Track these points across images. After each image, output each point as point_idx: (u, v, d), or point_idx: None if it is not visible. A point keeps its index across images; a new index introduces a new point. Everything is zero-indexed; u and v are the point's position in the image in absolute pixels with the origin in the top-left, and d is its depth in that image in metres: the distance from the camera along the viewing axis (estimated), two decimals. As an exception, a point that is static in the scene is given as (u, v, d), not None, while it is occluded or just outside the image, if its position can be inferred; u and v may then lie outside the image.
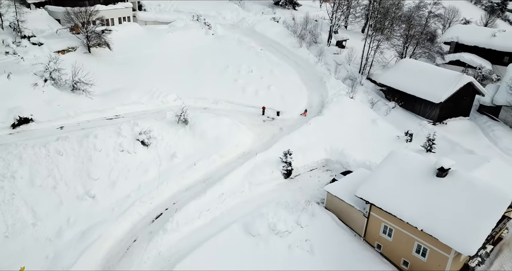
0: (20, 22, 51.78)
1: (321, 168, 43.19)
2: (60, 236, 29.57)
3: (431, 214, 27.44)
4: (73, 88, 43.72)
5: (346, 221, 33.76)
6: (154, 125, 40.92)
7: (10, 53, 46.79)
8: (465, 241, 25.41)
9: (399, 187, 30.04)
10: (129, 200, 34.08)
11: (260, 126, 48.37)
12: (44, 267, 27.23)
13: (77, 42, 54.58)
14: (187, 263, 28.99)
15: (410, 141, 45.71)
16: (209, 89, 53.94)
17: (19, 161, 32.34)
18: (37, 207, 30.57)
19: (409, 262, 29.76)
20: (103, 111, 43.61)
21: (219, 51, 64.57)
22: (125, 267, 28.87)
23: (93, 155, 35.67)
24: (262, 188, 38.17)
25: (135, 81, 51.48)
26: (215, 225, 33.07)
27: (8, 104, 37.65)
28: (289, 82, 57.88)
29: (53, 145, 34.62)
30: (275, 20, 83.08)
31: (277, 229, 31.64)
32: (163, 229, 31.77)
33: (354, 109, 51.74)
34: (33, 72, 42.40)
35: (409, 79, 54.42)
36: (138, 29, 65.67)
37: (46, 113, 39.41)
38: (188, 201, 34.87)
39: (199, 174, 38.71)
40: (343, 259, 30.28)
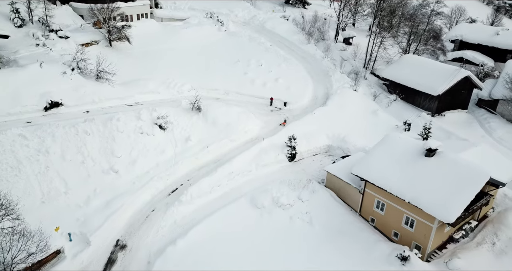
0: (48, 17, 56.13)
1: (324, 153, 46.53)
2: (88, 204, 33.57)
3: (417, 188, 30.65)
4: (97, 77, 47.83)
5: (343, 198, 37.09)
6: (170, 112, 44.71)
7: (40, 45, 51.11)
8: (446, 210, 28.58)
9: (390, 166, 33.27)
10: (148, 175, 37.99)
11: (267, 116, 51.85)
12: (75, 228, 31.16)
13: (100, 36, 58.87)
14: (199, 229, 32.72)
15: (408, 130, 48.72)
16: (221, 81, 57.55)
17: (52, 138, 36.43)
18: (68, 178, 34.61)
19: (399, 233, 32.99)
20: (124, 99, 47.53)
21: (231, 46, 68.25)
22: (143, 231, 32.69)
23: (116, 135, 39.63)
24: (267, 169, 41.71)
25: (152, 72, 55.46)
26: (225, 198, 36.76)
27: (40, 90, 41.82)
28: (296, 76, 61.20)
29: (81, 126, 38.69)
30: (285, 18, 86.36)
31: (280, 202, 35.19)
32: (179, 201, 35.59)
33: (356, 101, 54.90)
34: (61, 62, 46.59)
35: (410, 74, 57.35)
36: (155, 25, 69.84)
37: (73, 98, 43.51)
38: (200, 178, 38.64)
39: (210, 156, 42.42)
40: (339, 230, 33.66)
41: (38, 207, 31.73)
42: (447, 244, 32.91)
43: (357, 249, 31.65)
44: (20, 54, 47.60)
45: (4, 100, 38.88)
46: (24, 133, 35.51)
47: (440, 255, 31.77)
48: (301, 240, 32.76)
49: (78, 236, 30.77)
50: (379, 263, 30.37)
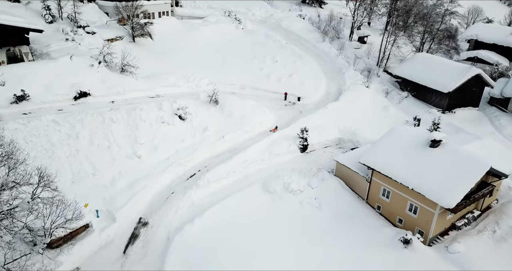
0: (77, 14, 59.61)
1: (334, 145, 48.48)
2: (114, 184, 36.41)
3: (421, 176, 32.42)
4: (122, 70, 50.90)
5: (352, 186, 39.04)
6: (190, 104, 47.41)
7: (69, 40, 54.53)
8: (446, 196, 30.31)
9: (396, 155, 35.10)
10: (168, 161, 40.69)
11: (281, 110, 54.07)
12: (102, 206, 34.02)
13: (124, 32, 62.13)
14: (214, 210, 35.22)
15: (418, 125, 50.22)
16: (237, 76, 60.04)
17: (81, 125, 39.49)
18: (95, 161, 37.55)
19: (403, 219, 34.80)
20: (146, 91, 50.45)
21: (248, 43, 70.69)
22: (164, 211, 35.37)
23: (139, 124, 42.50)
24: (280, 159, 43.96)
25: (172, 67, 58.34)
26: (239, 184, 39.17)
27: (70, 81, 45.01)
28: (310, 72, 63.23)
29: (108, 114, 41.68)
30: (301, 17, 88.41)
31: (291, 188, 37.41)
32: (196, 185, 38.17)
33: (368, 97, 56.61)
34: (89, 56, 49.81)
35: (422, 71, 58.74)
36: (175, 23, 72.83)
37: (100, 89, 46.59)
38: (217, 165, 41.13)
39: (226, 145, 44.90)
40: (347, 215, 35.66)
41: (69, 186, 34.59)
42: (450, 231, 34.51)
43: (363, 233, 33.58)
44: (51, 48, 51.02)
45: (39, 90, 42.13)
46: (56, 120, 38.68)
47: (442, 241, 33.45)
48: (310, 223, 34.86)
49: (105, 213, 33.62)
50: (382, 246, 32.26)
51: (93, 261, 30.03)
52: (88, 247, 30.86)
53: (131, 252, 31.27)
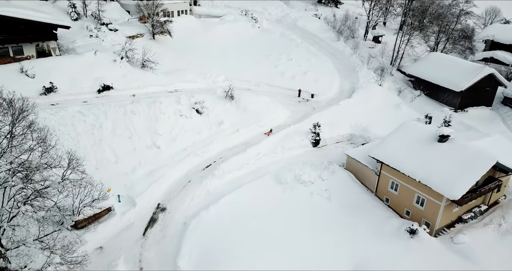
0: (100, 12, 62.25)
1: (346, 141, 49.73)
2: (134, 172, 38.56)
3: (428, 169, 33.53)
4: (142, 66, 53.20)
5: (361, 179, 40.31)
6: (206, 98, 49.34)
7: (93, 36, 57.11)
8: (452, 188, 31.39)
9: (405, 149, 36.26)
10: (185, 152, 42.69)
11: (295, 106, 55.56)
12: (123, 192, 36.16)
13: (144, 29, 64.57)
14: (229, 199, 36.98)
15: (429, 123, 51.04)
16: (252, 73, 61.77)
17: (105, 116, 41.78)
18: (117, 150, 39.75)
19: (410, 211, 35.96)
20: (165, 86, 52.58)
21: (263, 42, 72.39)
22: (181, 198, 37.31)
23: (158, 116, 44.60)
24: (292, 152, 45.48)
25: (190, 64, 60.48)
26: (252, 175, 40.85)
27: (95, 75, 47.43)
28: (324, 70, 64.54)
29: (129, 106, 43.91)
30: (316, 17, 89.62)
31: (302, 180, 38.92)
32: (212, 175, 40.03)
33: (380, 95, 57.66)
34: (112, 51, 52.20)
35: (435, 70, 59.41)
36: (194, 21, 75.10)
37: (122, 83, 48.90)
38: (231, 157, 42.95)
39: (241, 138, 46.66)
40: (355, 206, 36.98)
41: (93, 172, 36.59)
42: (456, 224, 35.50)
43: (370, 223, 34.86)
44: (77, 43, 53.66)
45: (65, 82, 44.63)
46: (82, 111, 41.06)
47: (448, 232, 34.48)
48: (320, 213, 36.31)
49: (126, 198, 35.75)
50: (389, 236, 33.49)
51: (115, 241, 32.13)
52: (111, 228, 33.00)
53: (150, 235, 33.30)
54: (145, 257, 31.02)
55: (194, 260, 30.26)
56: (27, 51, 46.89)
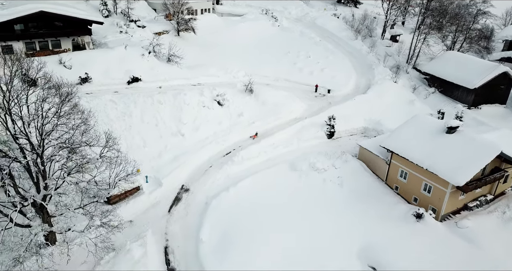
0: (129, 10, 66.12)
1: (360, 134, 51.89)
2: (160, 157, 41.83)
3: (435, 158, 35.53)
4: (168, 60, 56.63)
5: (373, 169, 42.48)
6: (227, 92, 52.33)
7: (123, 32, 61.00)
8: (457, 175, 33.35)
9: (415, 140, 38.30)
10: (207, 140, 45.75)
11: (311, 100, 57.99)
12: (150, 173, 39.40)
13: (170, 26, 68.16)
14: (247, 182, 39.77)
15: (441, 118, 52.62)
16: (271, 69, 64.48)
17: (134, 105, 45.24)
18: (145, 136, 43.11)
19: (418, 198, 38.00)
20: (189, 79, 55.84)
21: (283, 40, 75.07)
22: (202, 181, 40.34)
23: (183, 107, 47.80)
24: (307, 143, 47.97)
25: (212, 59, 63.64)
26: (269, 162, 43.55)
27: (125, 67, 51.04)
28: (341, 67, 66.77)
29: (156, 97, 47.28)
30: (335, 16, 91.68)
31: (316, 167, 41.39)
32: (231, 161, 42.95)
33: (395, 91, 59.49)
34: (141, 46, 55.81)
35: (450, 68, 60.85)
36: (216, 19, 78.42)
37: (149, 76, 52.39)
38: (249, 145, 45.80)
39: (259, 129, 49.36)
40: (366, 193, 39.21)
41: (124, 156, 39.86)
42: (462, 211, 37.34)
43: (379, 208, 37.06)
44: (108, 38, 57.57)
45: (99, 74, 48.35)
46: (113, 99, 44.61)
47: (453, 218, 36.39)
48: (332, 198, 38.69)
49: (153, 179, 39.01)
50: (397, 220, 35.65)
51: (143, 216, 35.35)
52: (139, 205, 36.28)
53: (175, 212, 36.43)
54: (170, 231, 34.12)
55: (214, 234, 33.12)
56: (64, 44, 50.92)
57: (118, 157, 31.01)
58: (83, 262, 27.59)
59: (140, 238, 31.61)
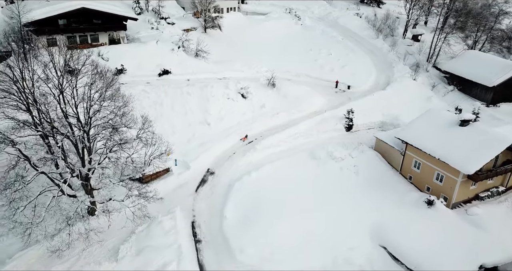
0: (160, 8, 69.98)
1: (377, 128, 53.82)
2: (189, 143, 45.08)
3: (448, 149, 37.40)
4: (196, 55, 60.05)
5: (388, 160, 44.53)
6: (251, 85, 55.25)
7: (154, 28, 64.77)
8: (467, 164, 35.18)
9: (429, 132, 40.22)
10: (231, 129, 48.79)
11: (331, 95, 60.28)
12: (179, 157, 42.64)
13: (197, 24, 71.67)
14: (268, 168, 42.52)
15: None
16: (293, 65, 67.03)
17: (165, 94, 48.70)
18: (175, 124, 46.45)
19: (430, 187, 39.89)
20: (215, 73, 59.05)
21: (305, 38, 77.53)
22: (226, 166, 43.33)
23: (209, 98, 51.00)
24: (326, 135, 50.35)
25: (237, 55, 66.74)
26: (289, 151, 46.14)
27: (156, 61, 54.69)
28: (361, 64, 68.74)
29: (185, 88, 50.66)
30: (358, 16, 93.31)
31: (333, 156, 43.77)
32: (254, 149, 45.82)
33: (414, 88, 61.11)
34: (171, 41, 59.42)
35: (469, 67, 61.98)
36: (241, 18, 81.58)
37: (178, 69, 55.86)
38: (271, 135, 48.54)
39: (280, 120, 52.14)
40: (380, 181, 41.35)
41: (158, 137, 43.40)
42: (473, 201, 39.03)
43: (392, 195, 39.15)
44: (141, 34, 61.44)
45: (133, 66, 52.10)
46: (146, 89, 48.20)
47: (464, 206, 38.15)
48: (348, 185, 40.97)
49: (181, 162, 42.27)
50: (409, 205, 37.69)
51: (172, 195, 38.50)
52: (169, 185, 39.54)
53: (201, 192, 39.56)
54: (197, 208, 37.26)
55: (237, 212, 36.01)
56: (102, 39, 55.00)
57: (153, 138, 34.32)
58: (122, 227, 31.01)
59: (170, 213, 34.81)
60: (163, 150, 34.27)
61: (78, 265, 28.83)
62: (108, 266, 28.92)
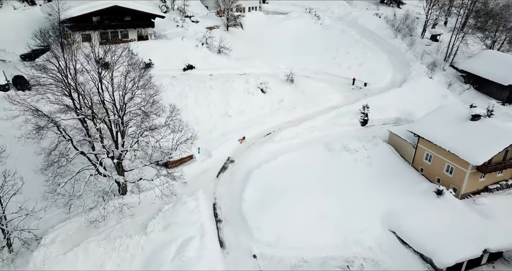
0: (185, 6, 73.35)
1: (392, 123, 55.44)
2: (211, 133, 48.02)
3: (457, 141, 39.04)
4: (218, 52, 63.01)
5: (401, 153, 46.29)
6: (270, 81, 57.82)
7: (179, 26, 68.15)
8: (476, 156, 36.80)
9: (440, 126, 41.90)
10: (250, 122, 51.51)
11: (348, 92, 62.25)
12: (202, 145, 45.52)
13: (220, 22, 74.75)
14: (284, 158, 44.95)
15: (473, 112, 55.19)
16: (312, 63, 69.11)
17: (189, 88, 51.80)
18: (198, 115, 49.44)
19: (440, 178, 41.56)
20: (236, 69, 61.80)
21: (324, 37, 79.55)
22: (245, 155, 45.99)
23: (230, 92, 53.85)
24: (342, 129, 52.41)
25: (257, 52, 69.36)
26: (305, 143, 48.44)
27: (181, 56, 57.92)
28: (379, 63, 70.36)
29: (208, 82, 53.65)
30: (377, 16, 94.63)
31: (348, 148, 45.86)
32: (271, 140, 48.37)
33: (430, 86, 62.43)
34: (195, 38, 62.59)
35: (486, 66, 62.90)
36: (262, 17, 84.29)
37: (202, 65, 58.91)
38: (288, 128, 50.95)
39: (297, 115, 54.49)
40: (392, 172, 43.24)
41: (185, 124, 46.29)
42: (482, 192, 40.52)
43: (404, 185, 41.03)
44: (167, 31, 64.89)
45: (160, 61, 55.41)
46: (172, 83, 51.40)
47: (472, 198, 39.70)
48: (361, 175, 42.96)
49: (204, 150, 45.17)
50: (419, 195, 39.52)
51: (195, 179, 41.36)
52: (192, 170, 42.45)
53: (222, 177, 42.37)
54: (218, 191, 40.07)
55: (255, 196, 38.59)
56: (131, 35, 58.57)
57: (180, 125, 37.30)
58: (152, 203, 34.08)
59: (194, 195, 37.73)
60: (189, 136, 37.08)
61: (112, 237, 31.97)
62: (138, 238, 31.95)
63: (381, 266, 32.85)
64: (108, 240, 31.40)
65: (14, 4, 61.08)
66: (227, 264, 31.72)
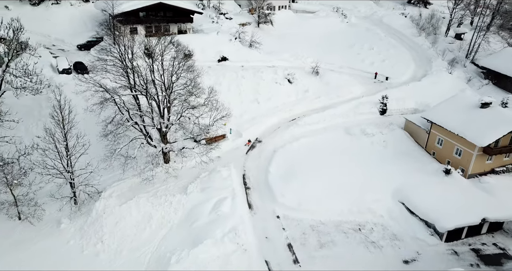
0: (220, 5, 79.44)
1: (410, 114, 59.05)
2: (241, 117, 53.52)
3: (466, 126, 42.81)
4: (250, 45, 68.60)
5: (415, 138, 50.26)
6: (296, 72, 62.84)
7: (214, 22, 74.22)
8: (481, 137, 40.58)
9: (452, 113, 45.70)
10: (277, 108, 56.69)
11: (370, 85, 66.36)
12: (234, 127, 51.05)
13: (251, 19, 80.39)
14: (308, 139, 49.87)
15: (489, 105, 58.18)
16: (337, 58, 73.54)
17: (223, 77, 57.58)
18: (231, 101, 54.42)
19: (450, 161, 45.39)
20: (266, 62, 67.08)
21: (349, 34, 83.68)
22: (272, 137, 51.22)
23: (260, 81, 59.26)
24: (362, 117, 56.71)
25: (286, 47, 74.35)
26: (327, 128, 53.18)
27: (216, 49, 63.87)
28: (401, 59, 73.98)
29: (240, 72, 59.30)
30: (403, 15, 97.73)
31: (366, 132, 50.32)
32: (296, 124, 53.44)
33: (449, 81, 65.62)
34: (229, 33, 68.44)
35: (506, 62, 65.46)
36: (291, 15, 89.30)
37: (234, 56, 64.63)
38: (312, 114, 55.79)
39: (321, 104, 59.25)
40: (406, 154, 47.37)
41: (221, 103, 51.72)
42: (488, 174, 44.07)
43: (415, 164, 45.07)
44: (203, 26, 71.12)
45: (197, 52, 61.32)
46: (208, 72, 57.15)
47: (478, 178, 43.36)
48: (377, 156, 47.33)
49: (235, 131, 50.78)
50: (428, 173, 43.48)
51: (228, 155, 46.99)
52: (225, 148, 48.08)
53: (251, 154, 47.81)
54: (247, 165, 45.53)
55: (280, 169, 43.77)
56: (172, 29, 65.09)
57: (216, 105, 43.04)
58: (192, 167, 39.96)
59: (226, 166, 43.35)
60: (224, 114, 42.72)
61: (158, 195, 38.00)
62: (180, 197, 37.82)
63: (389, 230, 37.30)
64: (155, 197, 37.45)
65: (71, 1, 68.81)
66: (254, 222, 37.06)
